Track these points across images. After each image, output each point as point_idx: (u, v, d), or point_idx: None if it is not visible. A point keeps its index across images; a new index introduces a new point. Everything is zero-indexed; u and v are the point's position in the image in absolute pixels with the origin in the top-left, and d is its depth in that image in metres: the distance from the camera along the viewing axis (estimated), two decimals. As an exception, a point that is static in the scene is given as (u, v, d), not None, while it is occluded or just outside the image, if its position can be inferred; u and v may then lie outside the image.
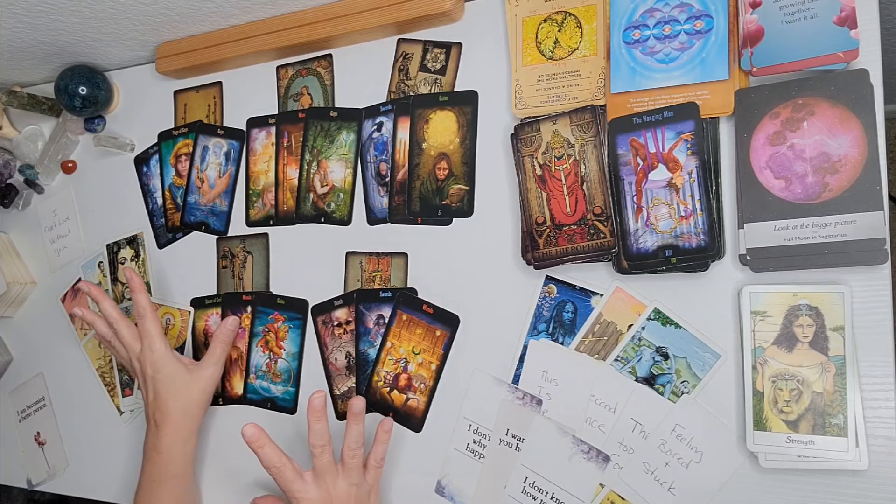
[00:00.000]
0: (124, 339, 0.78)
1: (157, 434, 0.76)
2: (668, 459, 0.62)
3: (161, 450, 0.75)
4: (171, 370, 0.76)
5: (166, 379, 0.76)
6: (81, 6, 0.76)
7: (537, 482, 0.67)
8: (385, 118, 0.77)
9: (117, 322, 0.79)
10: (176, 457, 0.76)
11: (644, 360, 0.63)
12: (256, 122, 0.84)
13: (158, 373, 0.76)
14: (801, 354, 0.57)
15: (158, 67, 0.88)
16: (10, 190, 0.98)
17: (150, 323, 0.77)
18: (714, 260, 0.60)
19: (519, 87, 0.69)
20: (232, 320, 0.80)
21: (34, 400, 0.98)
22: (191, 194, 0.87)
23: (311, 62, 0.82)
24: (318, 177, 0.80)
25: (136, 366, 0.78)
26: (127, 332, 0.78)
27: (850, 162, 0.55)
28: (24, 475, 0.97)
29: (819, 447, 0.56)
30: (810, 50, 0.56)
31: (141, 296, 0.78)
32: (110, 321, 0.79)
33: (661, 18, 0.63)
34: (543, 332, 0.67)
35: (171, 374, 0.76)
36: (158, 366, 0.76)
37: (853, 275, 0.57)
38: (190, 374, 0.77)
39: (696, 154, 0.60)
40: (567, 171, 0.65)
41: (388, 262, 0.76)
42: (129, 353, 0.78)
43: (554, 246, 0.66)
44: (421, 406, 0.72)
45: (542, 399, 0.67)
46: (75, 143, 0.97)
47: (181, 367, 0.77)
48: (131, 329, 0.79)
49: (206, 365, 0.78)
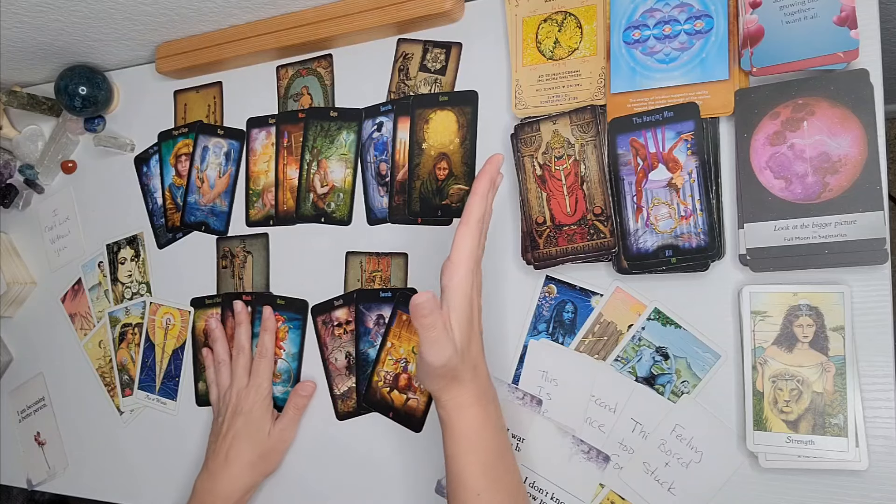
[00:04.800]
0: (238, 368, 0.78)
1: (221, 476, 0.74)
2: (668, 459, 0.62)
3: (219, 495, 0.74)
4: (262, 417, 0.76)
5: (255, 423, 0.75)
6: (81, 6, 0.76)
7: (537, 482, 0.67)
8: (385, 118, 0.77)
9: (243, 350, 0.79)
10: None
11: (644, 360, 0.63)
12: (256, 122, 0.84)
13: (252, 413, 0.75)
14: (801, 354, 0.57)
15: (158, 67, 0.88)
16: (10, 190, 0.98)
17: (266, 364, 0.78)
18: (714, 260, 0.60)
19: (519, 87, 0.69)
20: (309, 386, 0.78)
21: (34, 400, 0.98)
22: (191, 194, 0.87)
23: (311, 62, 0.82)
24: (318, 177, 0.80)
25: (232, 398, 0.77)
26: (245, 363, 0.78)
27: (850, 162, 0.55)
28: (24, 475, 0.97)
29: (819, 447, 0.56)
30: (810, 50, 0.56)
31: (268, 336, 0.79)
32: (237, 348, 0.79)
33: (661, 18, 0.63)
34: (543, 332, 0.67)
35: (259, 421, 0.76)
36: (255, 407, 0.76)
37: (853, 275, 0.57)
38: (271, 430, 0.76)
39: (696, 154, 0.60)
40: (567, 171, 0.65)
41: (388, 262, 0.76)
42: (234, 382, 0.78)
43: (554, 246, 0.66)
44: (421, 406, 0.72)
45: (542, 399, 0.67)
46: (75, 143, 0.97)
47: (270, 420, 0.77)
48: (248, 363, 0.79)
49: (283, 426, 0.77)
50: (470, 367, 0.55)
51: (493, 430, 0.58)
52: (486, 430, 0.57)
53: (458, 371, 0.54)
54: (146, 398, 0.88)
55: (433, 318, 0.50)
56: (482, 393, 0.57)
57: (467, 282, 0.53)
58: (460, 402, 0.56)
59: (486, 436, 0.57)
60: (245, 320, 0.80)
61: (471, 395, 0.56)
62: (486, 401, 0.57)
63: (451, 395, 0.56)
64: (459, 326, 0.53)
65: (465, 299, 0.53)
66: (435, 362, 0.53)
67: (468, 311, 0.54)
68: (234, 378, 0.78)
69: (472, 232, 0.54)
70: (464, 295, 0.53)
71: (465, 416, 0.56)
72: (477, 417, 0.56)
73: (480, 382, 0.57)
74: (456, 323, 0.53)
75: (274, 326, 0.79)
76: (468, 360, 0.55)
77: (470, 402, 0.56)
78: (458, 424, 0.56)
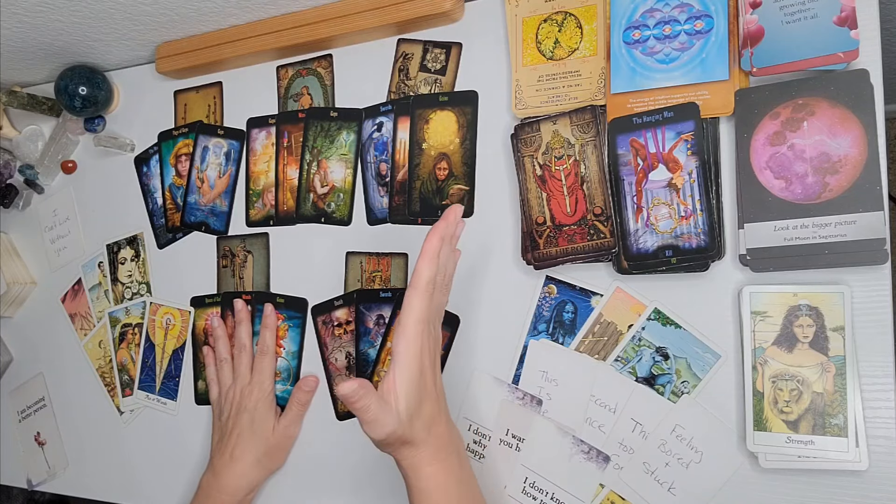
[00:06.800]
0: (241, 366, 0.78)
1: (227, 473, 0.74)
2: (668, 459, 0.62)
3: (227, 492, 0.74)
4: (266, 414, 0.76)
5: (259, 420, 0.76)
6: (81, 6, 0.76)
7: (537, 482, 0.67)
8: (385, 118, 0.77)
9: (245, 348, 0.79)
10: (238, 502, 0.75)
11: (644, 361, 0.63)
12: (256, 123, 0.84)
13: (256, 411, 0.76)
14: (802, 354, 0.57)
15: (158, 67, 0.88)
16: (10, 190, 0.98)
17: (268, 361, 0.78)
18: (714, 260, 0.60)
19: (519, 87, 0.69)
20: (311, 381, 0.78)
21: (34, 400, 0.98)
22: (191, 194, 0.87)
23: (311, 62, 0.82)
24: (318, 177, 0.80)
25: (235, 396, 0.77)
26: (247, 360, 0.79)
27: (850, 162, 0.55)
28: (24, 475, 0.97)
29: (819, 447, 0.56)
30: (810, 50, 0.56)
31: (269, 333, 0.79)
32: (239, 346, 0.79)
33: (661, 18, 0.63)
34: (543, 332, 0.67)
35: (264, 417, 0.76)
36: (259, 404, 0.76)
37: (853, 275, 0.57)
38: (275, 426, 0.76)
39: (696, 154, 0.60)
40: (567, 171, 0.65)
41: (388, 262, 0.76)
42: (237, 380, 0.78)
43: (554, 246, 0.66)
44: (421, 406, 0.72)
45: (542, 399, 0.67)
46: (75, 143, 0.97)
47: (274, 416, 0.77)
48: (251, 361, 0.79)
49: (286, 423, 0.77)
50: (422, 429, 0.56)
51: (455, 485, 0.57)
52: (449, 485, 0.57)
53: (407, 436, 0.55)
54: (146, 398, 0.88)
55: (364, 402, 0.52)
56: (440, 449, 0.57)
57: (415, 345, 0.54)
58: (416, 462, 0.56)
59: (450, 490, 0.57)
60: (246, 318, 0.80)
61: (427, 455, 0.56)
62: (445, 455, 0.57)
63: (404, 455, 0.56)
64: (407, 393, 0.54)
65: (414, 363, 0.54)
66: (376, 438, 0.54)
67: (417, 375, 0.54)
68: (237, 376, 0.78)
69: (419, 294, 0.54)
70: (412, 359, 0.54)
71: (423, 475, 0.56)
72: (436, 475, 0.56)
73: (437, 441, 0.57)
74: (403, 390, 0.54)
75: (275, 323, 0.79)
76: (418, 423, 0.55)
77: (427, 461, 0.56)
78: (416, 483, 0.57)
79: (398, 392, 0.54)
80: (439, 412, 0.58)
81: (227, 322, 0.83)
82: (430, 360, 0.57)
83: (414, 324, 0.54)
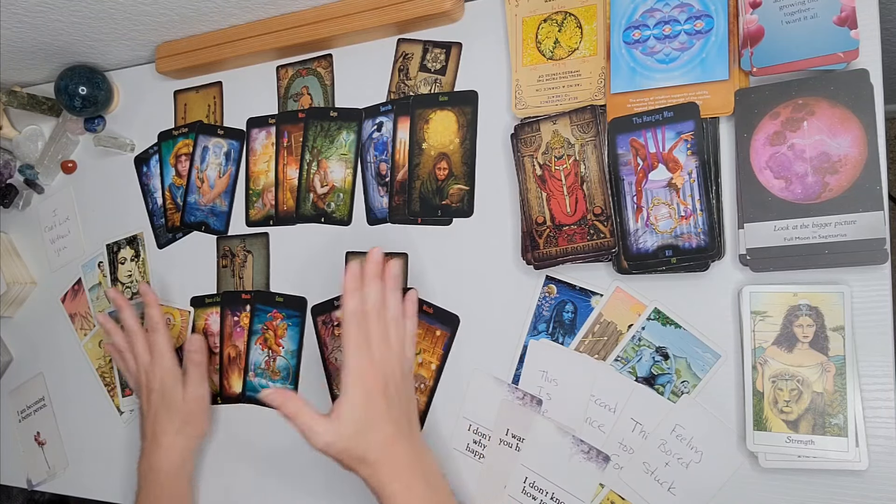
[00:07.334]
0: (137, 350, 0.79)
1: (155, 452, 0.76)
2: (668, 459, 0.62)
3: (160, 470, 0.75)
4: (173, 386, 0.77)
5: (168, 394, 0.77)
6: (81, 6, 0.76)
7: (537, 482, 0.67)
8: (385, 118, 0.77)
9: (136, 334, 0.80)
10: (173, 478, 0.76)
11: (644, 360, 0.63)
12: (256, 122, 0.84)
13: (164, 386, 0.77)
14: (801, 354, 0.57)
15: (158, 67, 0.88)
16: (10, 190, 0.98)
17: (161, 337, 0.79)
18: (714, 260, 0.60)
19: (519, 87, 0.69)
20: (195, 340, 0.81)
21: (34, 400, 0.98)
22: (191, 194, 0.87)
23: (311, 62, 0.82)
24: (318, 177, 0.80)
25: (143, 378, 0.79)
26: (141, 343, 0.79)
27: (850, 162, 0.55)
28: (24, 475, 0.97)
29: (819, 447, 0.56)
30: (810, 50, 0.56)
31: (154, 310, 0.80)
32: (129, 332, 0.80)
33: (661, 18, 0.63)
34: (543, 332, 0.67)
35: (172, 390, 0.77)
36: (165, 379, 0.77)
37: (853, 275, 0.57)
38: (184, 395, 0.78)
39: (696, 154, 0.60)
40: (567, 171, 0.65)
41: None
42: (139, 364, 0.79)
43: (554, 246, 0.66)
44: (421, 406, 0.72)
45: (542, 399, 0.67)
46: (75, 143, 0.97)
47: (181, 387, 0.78)
48: (145, 342, 0.79)
49: (192, 387, 0.79)
50: (375, 448, 0.59)
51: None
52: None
53: (355, 451, 0.58)
54: (146, 398, 0.88)
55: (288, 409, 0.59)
56: (399, 470, 0.59)
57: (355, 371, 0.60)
58: (377, 481, 0.59)
59: None
60: (124, 304, 0.81)
61: (386, 473, 0.59)
62: (408, 476, 0.60)
63: (362, 472, 0.60)
64: (350, 411, 0.59)
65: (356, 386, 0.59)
66: (315, 446, 0.58)
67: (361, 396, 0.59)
68: (138, 360, 0.79)
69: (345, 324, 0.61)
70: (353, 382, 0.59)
71: (385, 493, 0.59)
72: (398, 494, 0.59)
73: (394, 460, 0.60)
74: (345, 408, 0.59)
75: (155, 300, 0.81)
76: (370, 440, 0.59)
77: (388, 480, 0.59)
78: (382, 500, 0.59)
79: (341, 410, 0.59)
80: (397, 434, 0.60)
81: (226, 322, 0.83)
82: (378, 384, 0.60)
83: (352, 352, 0.60)
